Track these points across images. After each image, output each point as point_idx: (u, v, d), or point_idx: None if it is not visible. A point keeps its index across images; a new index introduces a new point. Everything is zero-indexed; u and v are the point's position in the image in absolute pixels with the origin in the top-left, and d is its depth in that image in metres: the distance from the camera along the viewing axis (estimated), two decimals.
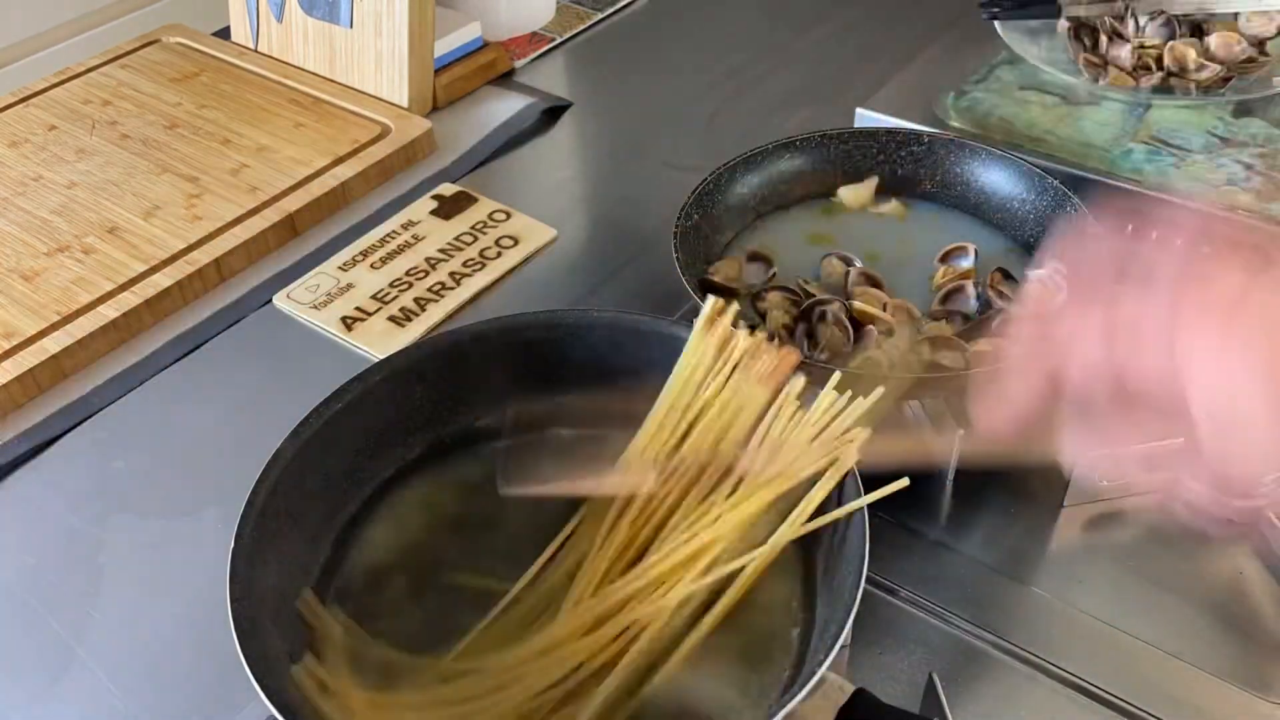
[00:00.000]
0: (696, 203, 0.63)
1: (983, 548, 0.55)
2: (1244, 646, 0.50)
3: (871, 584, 0.52)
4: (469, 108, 0.90)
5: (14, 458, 0.62)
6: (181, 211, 0.77)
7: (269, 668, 0.40)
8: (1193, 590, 0.52)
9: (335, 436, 0.48)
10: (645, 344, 0.52)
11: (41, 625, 0.54)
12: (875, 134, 0.68)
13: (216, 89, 0.90)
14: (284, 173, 0.80)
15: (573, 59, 0.98)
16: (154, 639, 0.53)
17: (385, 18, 0.85)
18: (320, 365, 0.67)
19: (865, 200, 0.67)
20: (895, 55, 0.92)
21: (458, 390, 0.52)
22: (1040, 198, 0.63)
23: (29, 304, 0.69)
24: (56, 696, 0.51)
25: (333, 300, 0.71)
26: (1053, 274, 0.37)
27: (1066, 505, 0.56)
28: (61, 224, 0.76)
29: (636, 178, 0.83)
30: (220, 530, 0.57)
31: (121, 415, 0.65)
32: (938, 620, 0.52)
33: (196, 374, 0.68)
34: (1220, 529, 0.48)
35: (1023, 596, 0.53)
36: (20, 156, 0.83)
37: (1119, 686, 0.48)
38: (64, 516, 0.59)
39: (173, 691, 0.51)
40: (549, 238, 0.76)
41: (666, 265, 0.59)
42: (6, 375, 0.64)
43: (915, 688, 0.48)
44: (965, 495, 0.57)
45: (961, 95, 0.79)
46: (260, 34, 0.94)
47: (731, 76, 0.93)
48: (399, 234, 0.76)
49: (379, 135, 0.84)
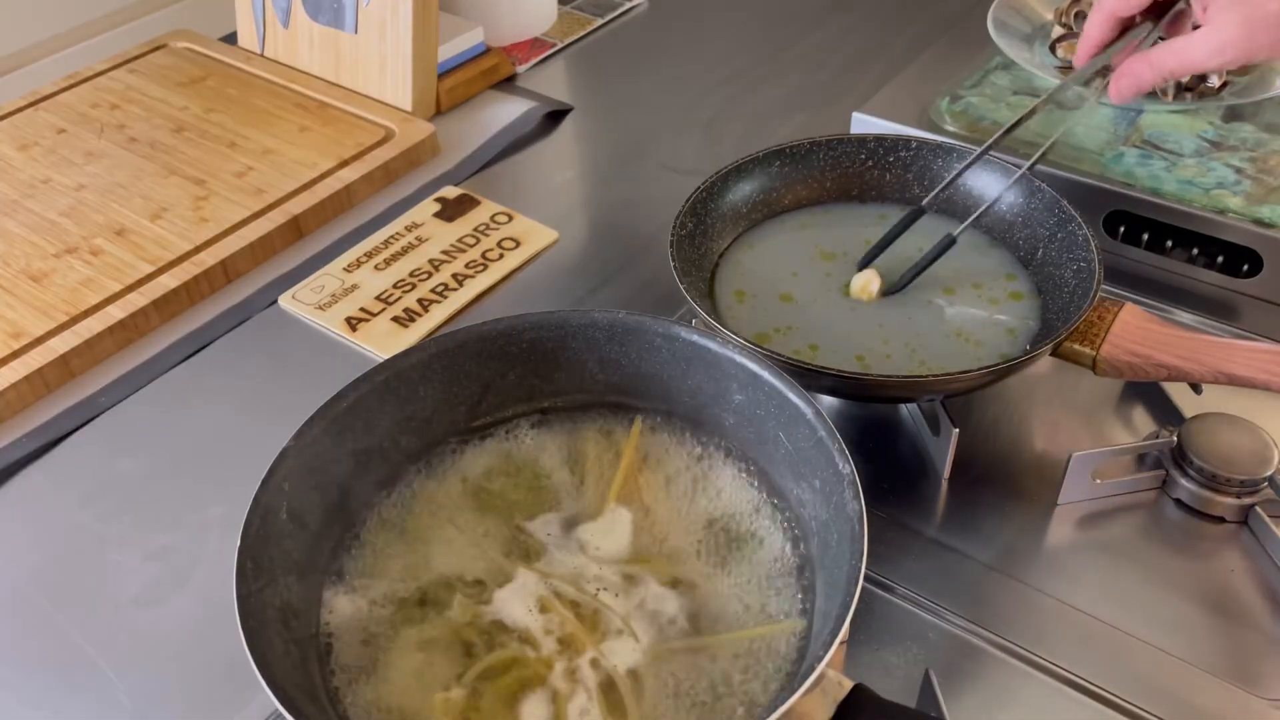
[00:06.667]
0: (691, 210, 0.64)
1: (978, 546, 0.55)
2: (1235, 642, 0.51)
3: (869, 581, 0.53)
4: (472, 112, 0.91)
5: (22, 456, 0.63)
6: (188, 213, 0.78)
7: (275, 665, 0.40)
8: (1185, 587, 0.53)
9: (340, 436, 0.49)
10: (646, 344, 0.52)
11: (49, 623, 0.55)
12: (865, 140, 0.69)
13: (223, 93, 0.91)
14: (289, 175, 0.81)
15: (574, 64, 0.99)
16: (161, 637, 0.54)
17: (389, 23, 0.86)
18: (325, 365, 0.68)
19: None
20: (891, 60, 0.93)
21: (460, 391, 0.53)
22: (1030, 201, 0.64)
23: (37, 304, 0.70)
24: (64, 693, 0.52)
25: (337, 301, 0.72)
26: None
27: (1060, 503, 0.57)
28: (70, 225, 0.77)
29: (636, 180, 0.84)
30: (226, 529, 0.58)
31: (128, 415, 0.66)
32: (934, 617, 0.52)
33: (203, 374, 0.69)
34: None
35: (1018, 593, 0.53)
36: (29, 159, 0.84)
37: (1112, 682, 0.49)
38: (71, 515, 0.60)
39: (179, 689, 0.52)
40: (550, 239, 0.77)
41: (666, 266, 0.59)
42: (15, 375, 0.65)
43: (912, 683, 0.49)
44: (961, 494, 0.58)
45: (956, 100, 0.79)
46: (266, 39, 0.95)
47: (729, 81, 0.94)
48: (402, 236, 0.77)
49: (383, 139, 0.84)
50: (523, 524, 0.50)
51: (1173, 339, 0.57)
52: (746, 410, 0.51)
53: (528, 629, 0.46)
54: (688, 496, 0.51)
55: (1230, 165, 0.71)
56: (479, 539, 0.50)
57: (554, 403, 0.55)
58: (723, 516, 0.50)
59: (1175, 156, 0.72)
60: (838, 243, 0.67)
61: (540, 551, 0.49)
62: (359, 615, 0.47)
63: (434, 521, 0.51)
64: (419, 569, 0.49)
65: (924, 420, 0.60)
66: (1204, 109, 0.75)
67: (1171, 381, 0.60)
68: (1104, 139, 0.74)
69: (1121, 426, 0.61)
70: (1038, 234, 0.64)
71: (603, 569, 0.48)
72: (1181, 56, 0.54)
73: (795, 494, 0.49)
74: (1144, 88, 0.56)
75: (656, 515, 0.50)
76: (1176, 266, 0.71)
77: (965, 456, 0.58)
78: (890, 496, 0.58)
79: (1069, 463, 0.55)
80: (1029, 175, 0.64)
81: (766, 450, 0.50)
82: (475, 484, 0.52)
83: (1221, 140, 0.73)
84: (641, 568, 0.48)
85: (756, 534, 0.49)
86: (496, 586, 0.48)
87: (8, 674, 0.52)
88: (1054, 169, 0.72)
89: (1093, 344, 0.57)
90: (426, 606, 0.47)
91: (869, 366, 0.58)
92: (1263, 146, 0.72)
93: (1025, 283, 0.63)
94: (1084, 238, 0.60)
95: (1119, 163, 0.72)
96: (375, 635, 0.46)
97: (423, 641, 0.46)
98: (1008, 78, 0.81)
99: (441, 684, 0.44)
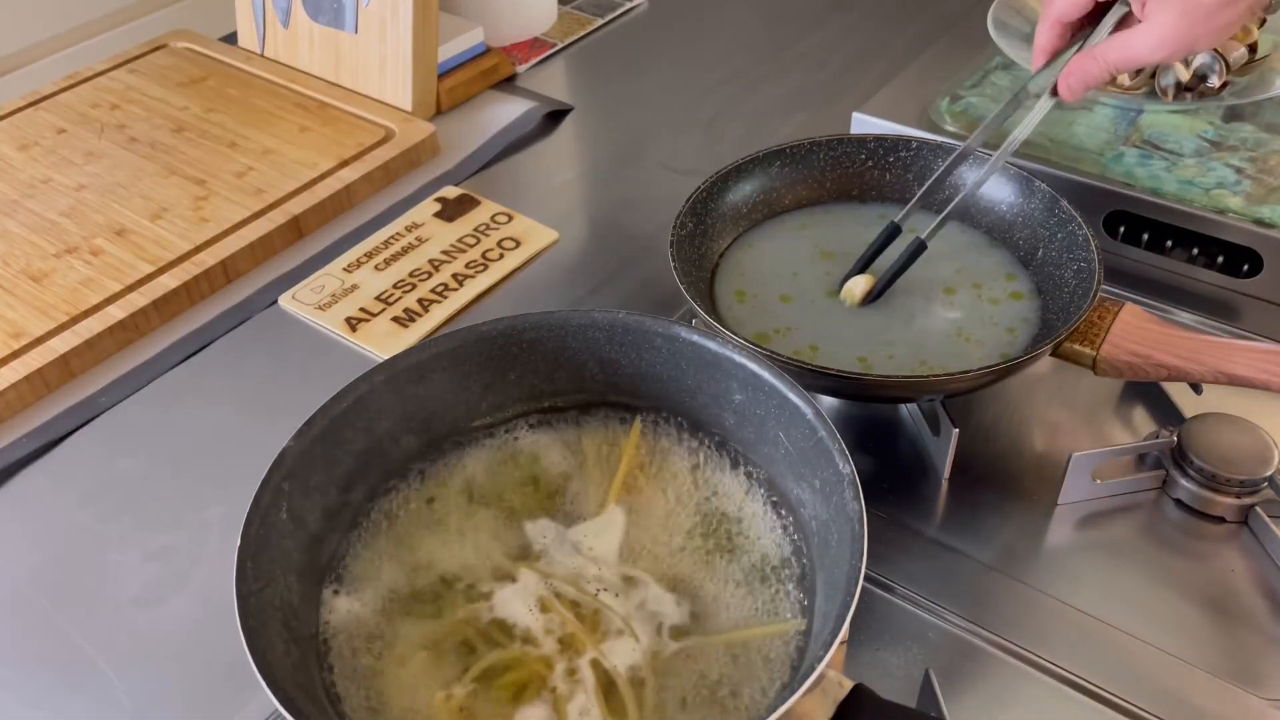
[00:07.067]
0: (691, 211, 0.64)
1: (978, 546, 0.55)
2: (1235, 642, 0.51)
3: (869, 581, 0.53)
4: (472, 112, 0.91)
5: (22, 456, 0.63)
6: (188, 213, 0.78)
7: (275, 665, 0.40)
8: (1185, 587, 0.53)
9: (340, 436, 0.49)
10: (646, 344, 0.52)
11: (49, 623, 0.55)
12: (865, 140, 0.69)
13: (223, 93, 0.91)
14: (289, 176, 0.81)
15: (574, 64, 0.99)
16: (161, 637, 0.54)
17: (390, 23, 0.86)
18: (325, 366, 0.68)
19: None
20: (891, 60, 0.93)
21: (460, 391, 0.53)
22: (1030, 201, 0.64)
23: (37, 304, 0.70)
24: (64, 693, 0.52)
25: (337, 301, 0.72)
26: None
27: (1060, 503, 0.57)
28: (70, 225, 0.77)
29: (636, 180, 0.84)
30: (226, 529, 0.58)
31: (128, 415, 0.66)
32: (934, 617, 0.52)
33: (202, 374, 0.69)
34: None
35: (1018, 593, 0.53)
36: (30, 159, 0.84)
37: (1112, 682, 0.49)
38: (71, 515, 0.60)
39: (179, 688, 0.52)
40: (550, 239, 0.77)
41: (666, 266, 0.59)
42: (15, 375, 0.65)
43: (912, 683, 0.49)
44: (961, 494, 0.58)
45: (956, 100, 0.79)
46: (266, 39, 0.95)
47: (729, 81, 0.94)
48: (402, 236, 0.77)
49: (383, 139, 0.85)
50: (523, 524, 0.50)
51: (1173, 339, 0.57)
52: (746, 410, 0.51)
53: (528, 629, 0.46)
54: (688, 496, 0.51)
55: (1230, 165, 0.71)
56: (479, 539, 0.50)
57: (554, 403, 0.55)
58: (722, 516, 0.50)
59: (1175, 156, 0.72)
60: (838, 243, 0.67)
61: (540, 552, 0.49)
62: (359, 615, 0.47)
63: (434, 521, 0.51)
64: (419, 569, 0.49)
65: (924, 420, 0.60)
66: (1204, 109, 0.75)
67: (1171, 381, 0.60)
68: (1104, 139, 0.74)
69: (1121, 426, 0.61)
70: (1038, 234, 0.64)
71: (603, 569, 0.48)
72: (1124, 50, 0.55)
73: (795, 494, 0.49)
74: (1092, 83, 0.57)
75: (656, 515, 0.50)
76: (1176, 266, 0.71)
77: (965, 456, 0.58)
78: (890, 496, 0.58)
79: (1069, 463, 0.55)
80: (1029, 176, 0.64)
81: (766, 450, 0.50)
82: (475, 484, 0.52)
83: (1221, 140, 0.73)
84: (641, 568, 0.48)
85: (756, 534, 0.49)
86: (497, 586, 0.48)
87: (8, 674, 0.52)
88: (1054, 169, 0.72)
89: (1093, 344, 0.57)
90: (426, 606, 0.47)
91: (871, 366, 0.58)
92: (1263, 146, 0.72)
93: (1025, 283, 0.63)
94: (1084, 238, 0.60)
95: (1119, 163, 0.72)
96: (375, 635, 0.46)
97: (423, 641, 0.46)
98: (1008, 78, 0.81)
99: (442, 683, 0.44)
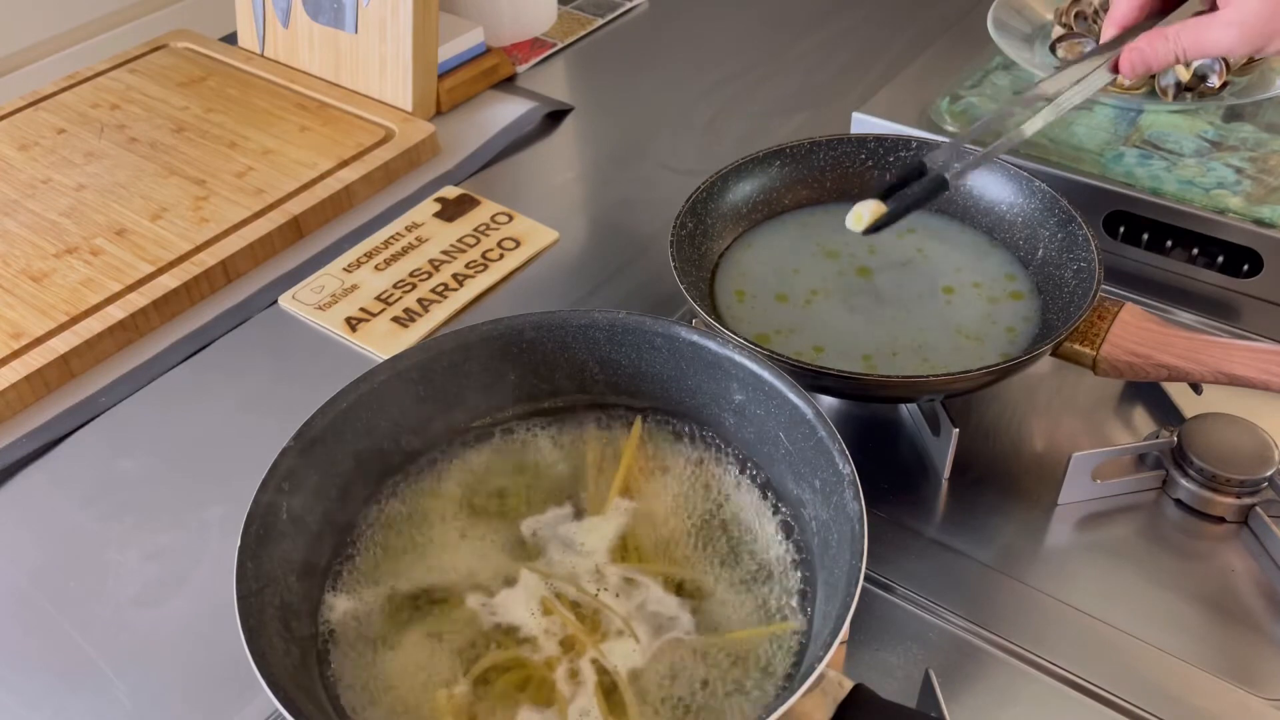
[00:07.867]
0: (691, 211, 0.64)
1: (978, 546, 0.55)
2: (1235, 642, 0.51)
3: (869, 582, 0.53)
4: (472, 112, 0.91)
5: (22, 456, 0.63)
6: (188, 214, 0.78)
7: (275, 665, 0.40)
8: (1185, 587, 0.53)
9: (340, 437, 0.49)
10: (646, 344, 0.52)
11: (49, 623, 0.55)
12: (865, 140, 0.69)
13: (223, 93, 0.91)
14: (289, 176, 0.81)
15: (574, 64, 0.99)
16: (161, 637, 0.54)
17: (390, 23, 0.86)
18: (325, 366, 0.68)
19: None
20: (891, 60, 0.93)
21: (460, 391, 0.53)
22: (1030, 201, 0.64)
23: (38, 305, 0.70)
24: (64, 693, 0.52)
25: (337, 301, 0.72)
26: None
27: (1060, 503, 0.57)
28: (70, 226, 0.77)
29: (636, 180, 0.84)
30: (226, 529, 0.58)
31: (128, 415, 0.66)
32: (934, 617, 0.52)
33: (203, 374, 0.69)
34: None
35: (1017, 593, 0.53)
36: (30, 159, 0.84)
37: (1112, 682, 0.49)
38: (72, 515, 0.60)
39: (179, 688, 0.52)
40: (550, 239, 0.77)
41: (666, 266, 0.59)
42: (15, 375, 0.65)
43: (912, 683, 0.49)
44: (961, 494, 0.58)
45: (956, 100, 0.79)
46: (266, 39, 0.95)
47: (730, 81, 0.94)
48: (403, 236, 0.77)
49: (383, 139, 0.85)
50: (523, 524, 0.50)
51: (1173, 339, 0.57)
52: (746, 410, 0.51)
53: (529, 629, 0.46)
54: (688, 497, 0.51)
55: (1230, 165, 0.71)
56: (479, 539, 0.50)
57: (554, 403, 0.55)
58: (723, 517, 0.50)
59: (1175, 156, 0.72)
60: (838, 243, 0.67)
61: (541, 552, 0.49)
62: (359, 615, 0.47)
63: (434, 522, 0.51)
64: (419, 569, 0.49)
65: (924, 420, 0.60)
66: (1204, 109, 0.75)
67: (1171, 381, 0.60)
68: (1104, 139, 0.74)
69: (1121, 426, 0.61)
70: (1038, 234, 0.64)
71: (603, 569, 0.48)
72: (1198, 35, 0.53)
73: (795, 494, 0.49)
74: (1155, 65, 0.54)
75: (657, 515, 0.50)
76: (1176, 266, 0.71)
77: (965, 456, 0.58)
78: (890, 496, 0.58)
79: (1069, 463, 0.55)
80: (1029, 175, 0.64)
81: (766, 450, 0.50)
82: (476, 484, 0.52)
83: (1221, 140, 0.73)
84: (642, 568, 0.48)
85: (756, 534, 0.49)
86: (497, 587, 0.48)
87: (8, 674, 0.52)
88: (1054, 169, 0.72)
89: (1093, 344, 0.57)
90: (427, 606, 0.47)
91: (872, 367, 0.58)
92: (1263, 146, 0.72)
93: (1025, 283, 0.63)
94: (1084, 238, 0.60)
95: (1119, 163, 0.72)
96: (375, 635, 0.46)
97: (423, 641, 0.46)
98: (1008, 78, 0.81)
99: (442, 683, 0.44)
